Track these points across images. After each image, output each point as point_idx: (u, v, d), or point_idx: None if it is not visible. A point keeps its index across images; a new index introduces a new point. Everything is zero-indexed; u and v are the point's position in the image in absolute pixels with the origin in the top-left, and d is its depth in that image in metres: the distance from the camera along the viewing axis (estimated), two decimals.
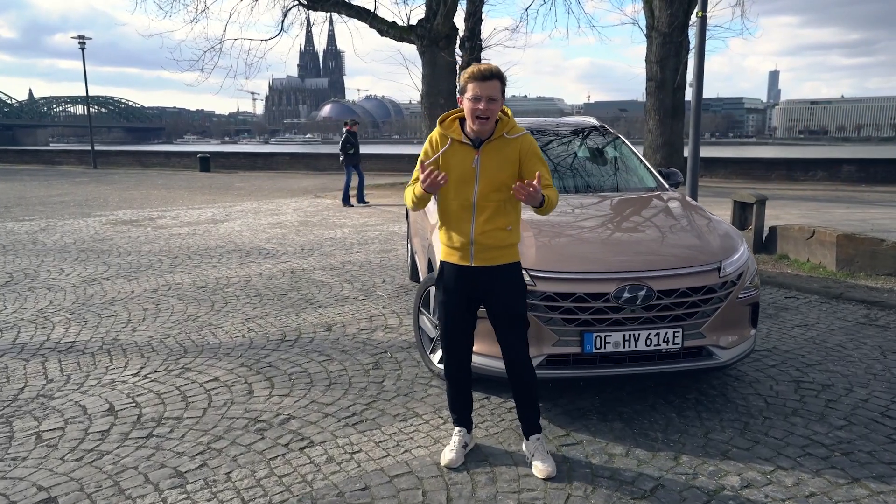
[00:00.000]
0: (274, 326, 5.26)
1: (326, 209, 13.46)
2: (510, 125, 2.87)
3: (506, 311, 2.92)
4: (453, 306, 2.97)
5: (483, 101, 2.72)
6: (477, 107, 2.73)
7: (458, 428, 3.14)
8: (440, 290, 3.02)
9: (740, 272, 3.52)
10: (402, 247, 8.76)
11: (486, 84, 2.72)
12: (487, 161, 2.81)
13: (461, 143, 2.87)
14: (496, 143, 2.83)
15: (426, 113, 16.49)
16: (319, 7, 16.88)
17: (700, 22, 7.19)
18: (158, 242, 9.28)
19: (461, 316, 2.99)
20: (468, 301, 2.96)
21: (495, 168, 2.80)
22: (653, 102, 15.76)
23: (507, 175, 2.81)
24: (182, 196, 16.63)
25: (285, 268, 7.50)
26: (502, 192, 2.81)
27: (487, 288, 2.91)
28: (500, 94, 2.77)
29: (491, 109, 2.74)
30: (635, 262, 3.40)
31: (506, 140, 2.83)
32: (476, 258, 2.87)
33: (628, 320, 3.32)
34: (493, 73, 2.74)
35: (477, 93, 2.72)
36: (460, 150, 2.87)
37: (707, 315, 3.40)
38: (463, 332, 3.02)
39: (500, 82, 2.76)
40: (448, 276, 2.97)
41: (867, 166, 17.62)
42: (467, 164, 2.83)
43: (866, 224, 9.86)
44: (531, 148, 2.86)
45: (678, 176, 4.85)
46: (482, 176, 2.81)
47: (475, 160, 2.82)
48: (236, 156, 30.85)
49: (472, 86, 2.74)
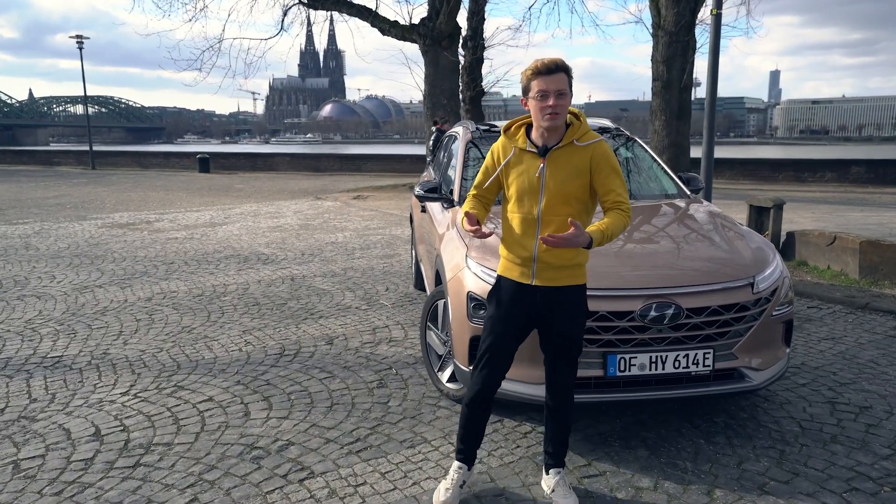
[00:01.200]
0: (272, 339, 5.01)
1: (327, 212, 13.21)
2: (582, 130, 2.58)
3: (563, 336, 2.67)
4: (503, 325, 2.68)
5: (552, 96, 2.47)
6: (546, 104, 2.48)
7: (458, 463, 2.82)
8: (492, 305, 2.74)
9: (774, 287, 3.26)
10: (405, 252, 8.50)
11: (553, 78, 2.47)
12: (555, 171, 2.54)
13: (526, 151, 2.61)
14: (565, 150, 2.56)
15: (429, 114, 16.22)
16: (320, 6, 16.63)
17: (714, 19, 6.94)
18: (154, 247, 9.02)
19: (509, 336, 2.70)
20: (523, 321, 2.69)
21: (563, 179, 2.53)
22: (659, 103, 15.48)
23: (577, 187, 2.54)
24: (180, 198, 16.38)
25: (285, 274, 7.24)
26: (571, 205, 2.54)
27: (546, 310, 2.64)
28: (568, 88, 2.51)
29: (561, 105, 2.48)
30: (662, 277, 3.14)
31: (575, 147, 2.55)
32: (538, 277, 2.60)
33: (655, 341, 3.07)
34: (558, 65, 2.48)
35: (543, 88, 2.47)
36: (525, 159, 2.61)
37: (739, 334, 3.15)
38: (503, 355, 2.72)
39: (567, 75, 2.51)
40: (504, 292, 2.70)
41: (876, 167, 17.35)
42: (532, 174, 2.57)
43: (884, 228, 9.60)
44: (604, 157, 2.55)
45: (699, 181, 4.59)
46: (548, 187, 2.54)
47: (540, 169, 2.55)
48: (236, 156, 30.61)
49: (536, 82, 2.49)
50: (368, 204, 14.51)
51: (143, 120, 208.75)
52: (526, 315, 2.67)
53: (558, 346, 2.68)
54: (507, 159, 2.63)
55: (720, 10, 6.86)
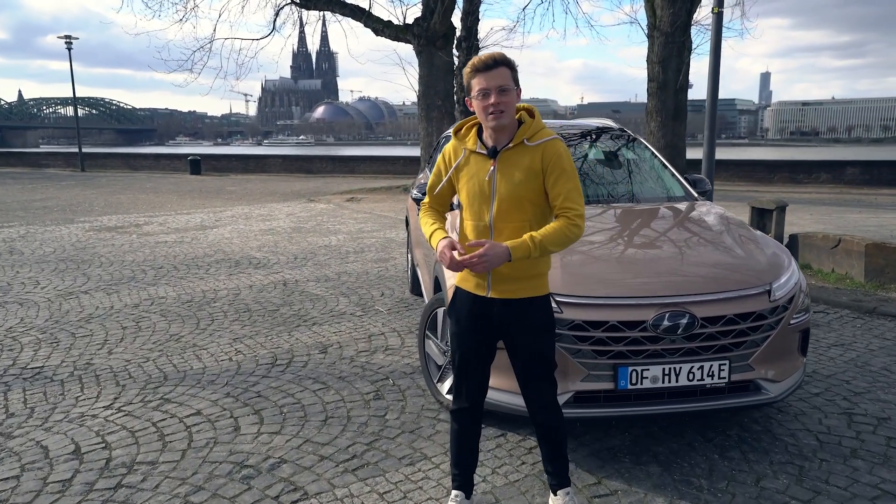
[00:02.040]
0: (264, 348, 4.82)
1: (320, 214, 13.01)
2: (533, 128, 2.37)
3: (528, 352, 2.47)
4: (465, 341, 2.53)
5: (493, 93, 2.27)
6: (487, 102, 2.29)
7: (455, 492, 2.65)
8: (452, 320, 2.58)
9: (791, 295, 3.11)
10: (400, 255, 8.32)
11: (493, 73, 2.28)
12: (506, 173, 2.35)
13: (476, 153, 2.42)
14: (516, 150, 2.36)
15: (423, 115, 16.06)
16: (312, 6, 16.43)
17: (716, 18, 6.80)
18: (143, 251, 8.81)
19: (475, 352, 2.54)
20: (484, 336, 2.52)
21: (515, 182, 2.33)
22: (654, 104, 15.37)
23: (530, 190, 2.34)
24: (170, 200, 16.14)
25: (277, 279, 7.05)
26: (525, 210, 2.35)
27: (505, 324, 2.45)
28: (512, 83, 2.30)
29: (505, 102, 2.28)
30: (675, 284, 2.98)
31: (526, 147, 2.36)
32: (494, 288, 2.41)
33: (668, 352, 2.91)
34: (496, 60, 2.29)
35: (483, 85, 2.28)
36: (475, 162, 2.43)
37: (756, 345, 2.99)
38: (477, 370, 2.57)
39: (509, 69, 2.31)
40: (461, 305, 2.53)
41: (871, 168, 17.31)
42: (482, 178, 2.38)
43: (884, 230, 9.50)
44: (556, 157, 2.33)
45: (706, 184, 4.44)
46: (500, 191, 2.35)
47: (490, 172, 2.37)
48: (228, 158, 30.33)
49: (476, 80, 2.30)
50: (362, 206, 14.33)
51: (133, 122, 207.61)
52: (486, 329, 2.48)
53: (526, 363, 2.48)
54: (458, 162, 2.45)
55: (722, 8, 6.73)
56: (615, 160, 4.54)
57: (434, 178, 2.59)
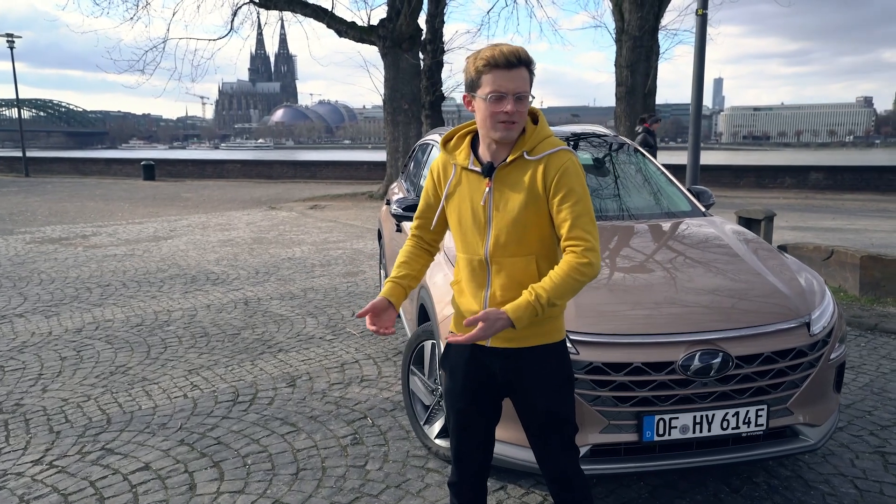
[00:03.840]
0: (224, 381, 4.30)
1: (282, 223, 12.40)
2: (537, 137, 1.90)
3: (543, 414, 2.01)
4: (462, 400, 2.07)
5: (509, 99, 1.80)
6: (501, 109, 1.81)
7: None
8: (446, 373, 2.13)
9: (831, 327, 2.75)
10: (370, 269, 7.83)
11: (513, 74, 1.80)
12: (504, 195, 1.90)
13: (469, 170, 1.96)
14: (515, 166, 1.90)
15: (389, 119, 15.57)
16: (272, 6, 15.80)
17: (700, 20, 6.53)
18: (89, 266, 8.11)
19: (475, 413, 2.08)
20: (485, 394, 2.06)
21: (515, 206, 1.88)
22: (623, 108, 15.24)
23: (533, 216, 1.87)
24: (122, 209, 15.28)
25: (237, 297, 6.49)
26: (529, 242, 1.89)
27: (510, 378, 1.99)
28: (529, 90, 1.84)
29: (520, 112, 1.83)
30: (706, 319, 2.60)
31: (526, 162, 1.89)
32: (493, 337, 1.94)
33: (699, 397, 2.52)
34: (520, 57, 1.81)
35: (499, 88, 1.80)
36: (468, 182, 1.96)
37: (795, 385, 2.62)
38: (474, 434, 2.11)
39: (529, 71, 1.84)
40: (456, 356, 2.06)
41: (835, 174, 17.52)
42: (476, 202, 1.93)
43: (862, 237, 9.41)
44: (563, 174, 1.84)
45: (710, 196, 4.09)
46: (496, 218, 1.90)
47: (486, 194, 1.92)
48: (184, 163, 29.25)
49: (490, 77, 1.81)
50: (326, 214, 13.76)
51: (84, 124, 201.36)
52: (488, 385, 2.03)
53: (542, 427, 2.02)
54: (449, 183, 1.99)
55: (706, 10, 6.47)
56: (615, 171, 4.16)
57: (423, 202, 2.12)
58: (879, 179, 17.01)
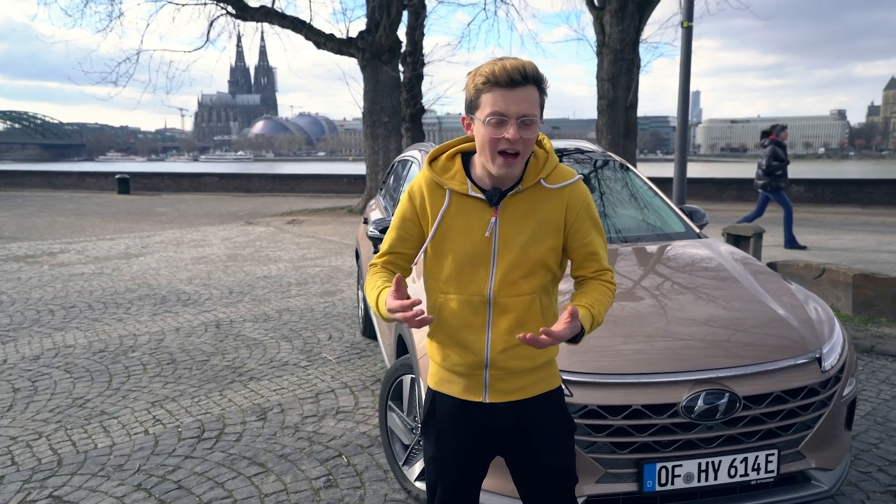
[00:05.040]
0: (189, 414, 4.00)
1: (259, 239, 12.08)
2: (550, 164, 1.69)
3: (543, 470, 1.77)
4: (451, 468, 1.82)
5: (512, 123, 1.55)
6: (501, 135, 1.56)
7: None
8: (430, 440, 1.85)
9: (843, 362, 2.56)
10: (348, 287, 7.56)
11: (518, 93, 1.54)
12: (513, 227, 1.66)
13: (468, 196, 1.70)
14: (528, 195, 1.67)
15: (368, 132, 15.33)
16: (249, 17, 15.54)
17: (685, 32, 6.41)
18: (54, 286, 7.74)
19: (466, 481, 1.84)
20: (479, 456, 1.83)
21: (527, 240, 1.65)
22: (605, 121, 15.16)
23: (546, 251, 1.67)
24: (93, 224, 14.84)
25: (208, 319, 6.19)
26: (537, 278, 1.67)
27: (511, 437, 1.76)
28: (539, 111, 1.59)
29: (526, 140, 1.57)
30: (710, 355, 2.39)
31: (544, 191, 1.67)
32: (492, 390, 1.72)
33: (704, 441, 2.30)
34: (527, 73, 1.55)
35: (501, 108, 1.54)
36: (465, 211, 1.69)
37: (807, 426, 2.42)
38: (464, 500, 1.86)
39: (539, 90, 1.59)
40: (444, 418, 1.80)
41: (815, 186, 17.57)
42: (478, 234, 1.67)
43: (850, 253, 9.32)
44: (585, 207, 1.69)
45: (703, 215, 3.90)
46: (503, 252, 1.66)
47: (491, 225, 1.67)
48: (160, 176, 28.70)
49: (491, 97, 1.55)
50: (304, 229, 13.45)
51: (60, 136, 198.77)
52: (483, 448, 1.82)
53: (542, 485, 1.78)
54: (442, 211, 1.70)
55: (691, 22, 6.34)
56: (601, 189, 3.95)
57: (396, 231, 1.80)
58: (859, 192, 17.09)
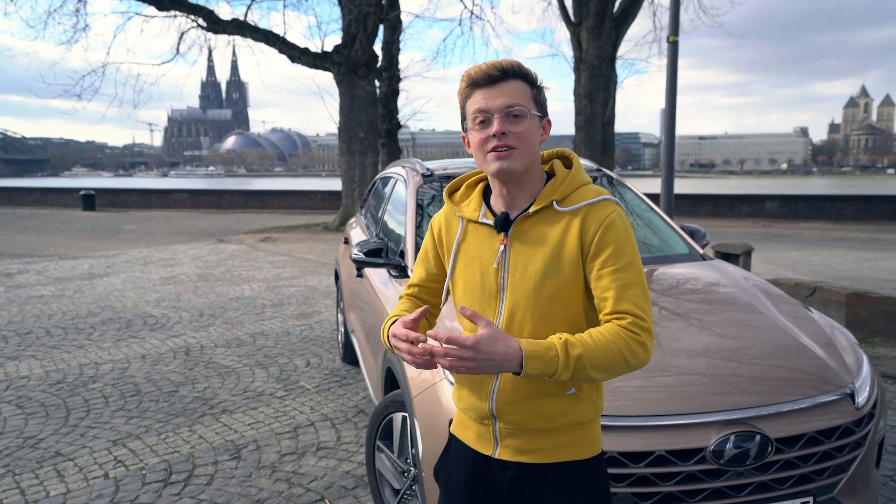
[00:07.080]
0: (155, 454, 3.67)
1: (231, 257, 11.69)
2: (571, 184, 1.45)
3: None
4: None
5: (496, 117, 1.38)
6: (487, 133, 1.39)
7: None
8: (440, 483, 1.64)
9: (875, 397, 2.36)
10: (326, 308, 7.25)
11: (497, 89, 1.39)
12: (523, 255, 1.44)
13: (478, 223, 1.50)
14: (539, 219, 1.44)
15: (344, 147, 15.06)
16: (221, 30, 15.22)
17: (671, 47, 6.30)
18: (10, 309, 7.29)
19: None
20: None
21: (537, 269, 1.41)
22: (582, 137, 15.13)
23: (560, 285, 1.40)
24: (55, 242, 14.27)
25: (177, 345, 5.83)
26: (555, 318, 1.41)
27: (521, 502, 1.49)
28: (530, 104, 1.41)
29: (517, 133, 1.38)
30: (737, 393, 2.16)
31: (557, 214, 1.43)
32: (503, 445, 1.48)
33: (734, 489, 2.07)
34: (504, 69, 1.40)
35: (481, 106, 1.39)
36: (476, 238, 1.50)
37: (842, 469, 2.20)
38: None
39: (526, 83, 1.41)
40: (456, 464, 1.57)
41: (789, 202, 17.77)
42: (487, 264, 1.47)
43: (832, 269, 9.30)
44: (605, 229, 1.39)
45: (703, 235, 3.72)
46: (513, 285, 1.43)
47: (500, 255, 1.45)
48: (127, 192, 27.99)
49: (473, 100, 1.42)
50: (278, 247, 13.09)
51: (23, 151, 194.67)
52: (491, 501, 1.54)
53: None
54: (456, 241, 1.53)
55: (677, 37, 6.25)
56: None
57: (421, 265, 1.64)
58: (832, 208, 17.33)
